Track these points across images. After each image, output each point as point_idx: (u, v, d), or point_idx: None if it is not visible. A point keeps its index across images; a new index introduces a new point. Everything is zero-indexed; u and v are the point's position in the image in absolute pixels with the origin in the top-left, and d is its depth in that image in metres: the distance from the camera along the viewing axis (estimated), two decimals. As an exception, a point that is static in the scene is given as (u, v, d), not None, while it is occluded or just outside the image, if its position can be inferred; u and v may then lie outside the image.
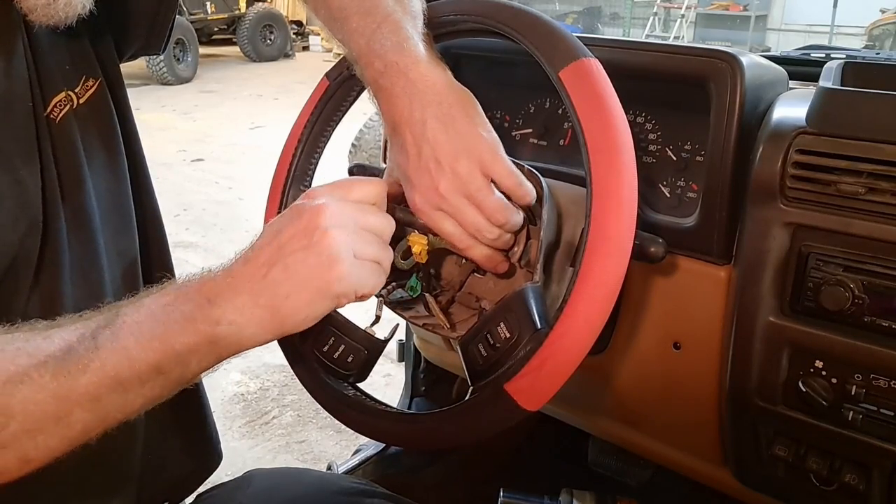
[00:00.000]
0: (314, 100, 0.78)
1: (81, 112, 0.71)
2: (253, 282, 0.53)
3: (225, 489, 0.88)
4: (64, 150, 0.68)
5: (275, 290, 0.53)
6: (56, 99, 0.68)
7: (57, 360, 0.50)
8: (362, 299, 0.58)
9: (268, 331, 0.54)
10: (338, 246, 0.54)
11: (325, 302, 0.55)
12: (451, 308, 0.76)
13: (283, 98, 7.47)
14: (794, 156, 0.68)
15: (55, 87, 0.68)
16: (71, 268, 0.69)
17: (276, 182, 0.79)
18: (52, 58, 0.68)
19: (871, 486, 0.70)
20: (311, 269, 0.53)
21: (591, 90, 0.59)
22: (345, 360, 0.71)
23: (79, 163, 0.70)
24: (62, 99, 0.68)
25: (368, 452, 1.38)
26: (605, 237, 0.56)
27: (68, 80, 0.70)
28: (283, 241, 0.54)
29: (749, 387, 0.73)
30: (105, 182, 0.74)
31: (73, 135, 0.69)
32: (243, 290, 0.53)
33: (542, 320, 0.59)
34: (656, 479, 1.27)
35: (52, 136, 0.67)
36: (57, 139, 0.68)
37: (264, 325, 0.53)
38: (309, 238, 0.54)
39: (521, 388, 0.57)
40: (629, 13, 10.50)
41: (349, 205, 0.57)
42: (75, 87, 0.70)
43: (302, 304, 0.53)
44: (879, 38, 6.61)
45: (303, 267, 0.53)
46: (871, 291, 0.66)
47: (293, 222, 0.55)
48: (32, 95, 0.65)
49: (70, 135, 0.69)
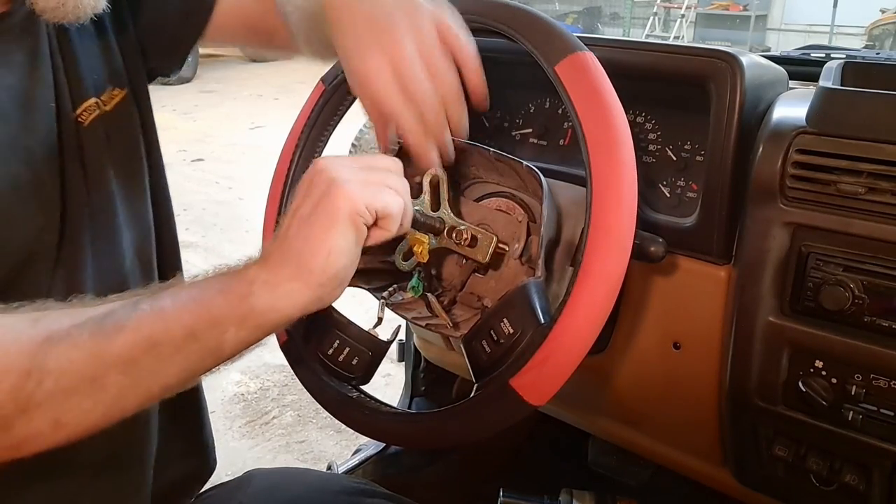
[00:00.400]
0: (310, 104, 0.79)
1: (108, 118, 0.72)
2: (281, 248, 0.54)
3: (225, 489, 0.88)
4: (90, 152, 0.70)
5: (298, 245, 0.53)
6: (86, 104, 0.69)
7: (96, 321, 0.51)
8: (385, 223, 0.56)
9: (302, 290, 0.53)
10: (338, 175, 0.54)
11: (340, 229, 0.53)
12: (453, 308, 0.76)
13: (283, 98, 7.47)
14: (794, 156, 0.68)
15: (85, 92, 0.70)
16: (92, 265, 0.70)
17: (275, 186, 0.79)
18: (84, 64, 0.70)
19: (871, 486, 0.70)
20: (318, 210, 0.53)
21: (587, 83, 0.59)
22: (349, 362, 0.72)
23: (103, 165, 0.71)
24: (91, 105, 0.70)
25: (368, 452, 1.38)
26: (606, 231, 0.56)
27: (97, 87, 0.71)
28: (296, 205, 0.55)
29: (749, 387, 0.73)
30: (126, 187, 0.75)
31: (100, 139, 0.71)
32: (273, 256, 0.54)
33: (546, 315, 0.59)
34: (656, 479, 1.27)
35: (80, 138, 0.69)
36: (84, 141, 0.69)
37: (297, 283, 0.53)
38: (315, 189, 0.54)
39: (526, 383, 0.57)
40: (629, 13, 10.49)
41: (356, 160, 0.58)
42: (102, 94, 0.72)
43: (321, 246, 0.53)
44: (879, 38, 6.61)
45: (312, 213, 0.53)
46: (871, 291, 0.66)
47: (301, 187, 0.56)
48: (59, 97, 0.67)
49: (97, 138, 0.70)
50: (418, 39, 0.63)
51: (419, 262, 0.74)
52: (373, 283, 0.80)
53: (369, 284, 0.80)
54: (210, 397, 0.88)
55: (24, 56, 0.65)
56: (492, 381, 0.60)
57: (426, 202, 0.74)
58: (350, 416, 0.69)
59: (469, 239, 0.71)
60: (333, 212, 0.53)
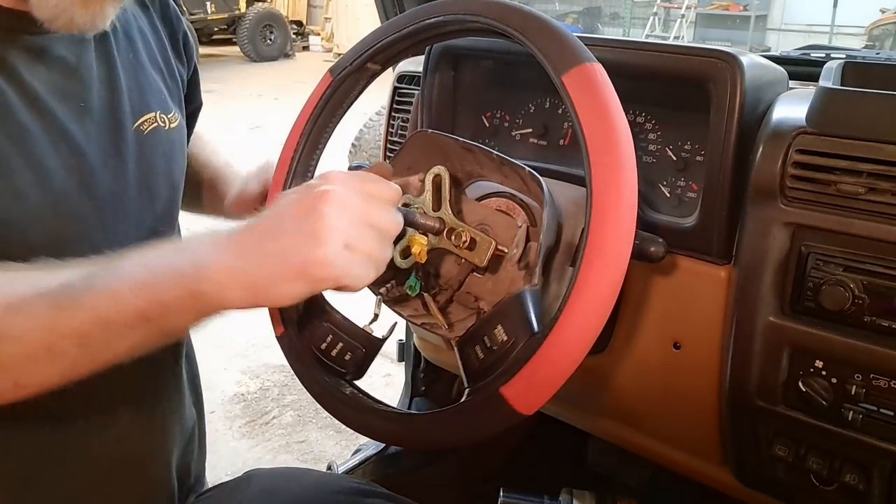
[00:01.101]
0: (317, 95, 0.78)
1: (167, 136, 0.82)
2: (245, 248, 0.55)
3: (225, 489, 0.88)
4: (142, 158, 0.78)
5: (261, 260, 0.54)
6: (147, 116, 0.79)
7: (54, 293, 0.54)
8: (345, 290, 0.57)
9: (247, 298, 0.54)
10: (328, 231, 0.54)
11: (302, 283, 0.54)
12: (450, 307, 0.76)
13: (284, 98, 7.47)
14: (794, 156, 0.68)
15: (148, 106, 0.80)
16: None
17: (278, 177, 0.79)
18: (150, 84, 0.81)
19: (871, 486, 0.70)
20: (297, 248, 0.54)
21: (593, 97, 0.59)
22: (342, 357, 0.72)
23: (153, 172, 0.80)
24: (151, 118, 0.80)
25: (368, 452, 1.38)
26: (601, 252, 0.56)
27: (163, 105, 0.82)
28: (283, 216, 0.56)
29: (749, 387, 0.73)
30: (159, 197, 0.82)
31: (154, 149, 0.80)
32: (234, 254, 0.55)
33: (540, 324, 0.59)
34: (656, 479, 1.27)
35: (139, 145, 0.77)
36: (142, 148, 0.78)
37: (245, 292, 0.54)
38: (305, 219, 0.55)
39: (516, 392, 0.57)
40: (629, 13, 10.49)
41: (358, 195, 0.57)
42: (168, 113, 0.82)
43: (280, 280, 0.54)
44: (879, 38, 6.61)
45: (291, 245, 0.54)
46: (871, 291, 0.66)
47: (297, 201, 0.56)
48: (120, 106, 0.76)
49: (151, 148, 0.79)
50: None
51: (417, 262, 0.74)
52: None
53: (367, 281, 0.79)
54: (210, 397, 0.88)
55: (100, 66, 0.75)
56: (482, 388, 0.60)
57: (427, 201, 0.74)
58: (340, 411, 0.69)
59: (468, 241, 0.71)
60: (303, 269, 0.54)
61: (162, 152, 0.81)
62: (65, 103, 0.70)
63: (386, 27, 0.75)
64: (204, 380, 1.02)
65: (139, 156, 0.78)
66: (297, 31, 11.52)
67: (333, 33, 10.68)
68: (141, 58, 0.81)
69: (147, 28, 0.84)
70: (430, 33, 0.73)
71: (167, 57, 0.86)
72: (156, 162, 0.80)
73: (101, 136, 0.74)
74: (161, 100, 0.82)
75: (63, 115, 0.70)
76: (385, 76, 0.87)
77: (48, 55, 0.70)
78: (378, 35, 0.75)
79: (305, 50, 11.56)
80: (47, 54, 0.70)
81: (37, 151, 0.67)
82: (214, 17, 9.93)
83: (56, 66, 0.70)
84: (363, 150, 3.92)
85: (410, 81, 1.09)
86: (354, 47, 0.77)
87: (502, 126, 1.00)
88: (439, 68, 0.98)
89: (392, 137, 1.13)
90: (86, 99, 0.73)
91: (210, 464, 1.04)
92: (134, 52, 0.80)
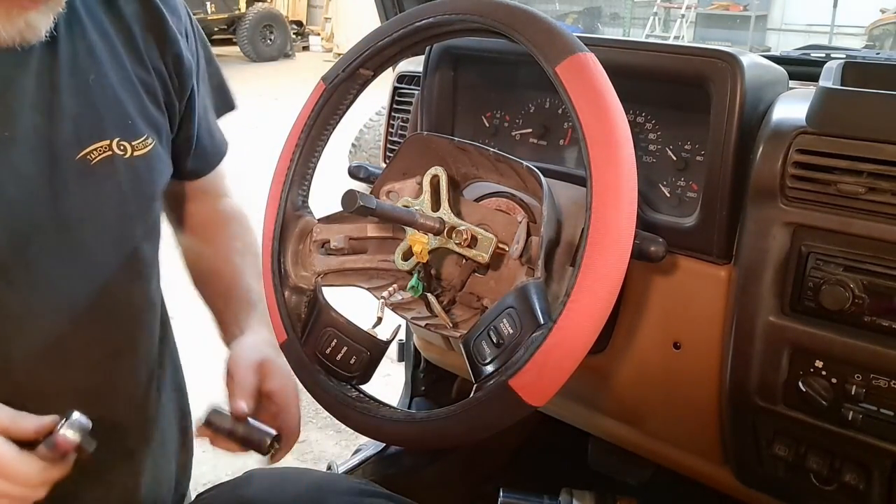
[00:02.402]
0: (311, 104, 0.78)
1: (126, 164, 0.77)
2: None
3: (225, 489, 0.88)
4: (87, 190, 0.74)
5: None
6: (98, 144, 0.74)
7: None
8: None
9: None
10: None
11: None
12: (453, 308, 0.76)
13: (283, 98, 7.47)
14: (795, 156, 0.68)
15: (101, 133, 0.75)
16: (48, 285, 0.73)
17: (275, 185, 0.79)
18: (111, 107, 0.76)
19: (870, 486, 0.70)
20: None
21: (587, 84, 0.59)
22: (347, 361, 0.71)
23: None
24: (102, 146, 0.75)
25: (368, 452, 1.38)
26: (606, 230, 0.56)
27: (125, 131, 0.77)
28: None
29: (749, 386, 0.73)
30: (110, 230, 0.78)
31: (105, 180, 0.75)
32: None
33: (545, 315, 0.59)
34: (656, 479, 1.26)
35: (84, 176, 0.73)
36: (87, 179, 0.74)
37: None
38: None
39: (526, 383, 0.57)
40: (629, 13, 10.49)
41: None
42: (134, 139, 0.77)
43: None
44: (879, 38, 6.62)
45: None
46: (871, 291, 0.66)
47: None
48: (58, 135, 0.71)
49: (100, 179, 0.75)
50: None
51: (419, 262, 0.74)
52: (373, 282, 0.80)
53: (369, 284, 0.80)
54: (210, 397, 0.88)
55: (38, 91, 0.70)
56: (491, 382, 0.60)
57: (426, 202, 0.74)
58: (349, 416, 0.69)
59: (469, 239, 0.71)
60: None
61: (115, 183, 0.76)
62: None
63: (375, 33, 0.76)
64: (204, 380, 1.02)
65: (82, 188, 0.73)
66: (296, 31, 11.52)
67: (333, 33, 10.69)
68: (106, 80, 0.75)
69: (123, 43, 0.78)
70: (420, 36, 0.73)
71: (147, 73, 0.80)
72: (106, 194, 0.75)
73: (28, 167, 0.69)
74: (124, 125, 0.77)
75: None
76: (385, 76, 0.87)
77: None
78: (368, 41, 0.75)
79: (305, 50, 11.56)
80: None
81: None
82: (214, 17, 9.93)
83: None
84: (363, 151, 3.92)
85: (410, 81, 1.09)
86: (346, 54, 0.77)
87: (502, 126, 1.00)
88: (439, 68, 0.98)
89: (392, 137, 1.13)
90: (10, 128, 0.68)
91: (210, 464, 1.04)
92: (97, 74, 0.75)
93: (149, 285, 0.86)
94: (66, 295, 0.74)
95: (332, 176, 1.66)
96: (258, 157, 4.88)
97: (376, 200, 0.68)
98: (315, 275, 0.78)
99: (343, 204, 0.67)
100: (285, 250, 0.77)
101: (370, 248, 0.80)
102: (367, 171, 0.93)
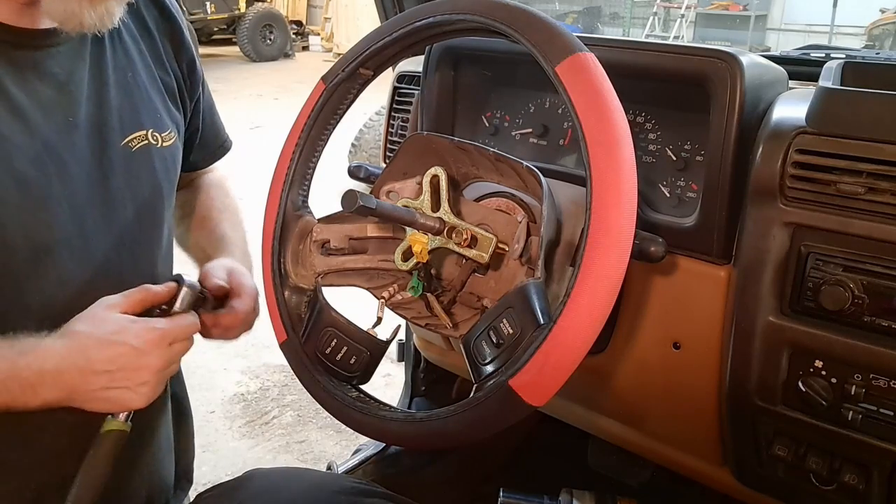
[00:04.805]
0: (310, 103, 0.78)
1: (159, 153, 0.85)
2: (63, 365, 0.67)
3: (225, 489, 0.88)
4: (129, 174, 0.82)
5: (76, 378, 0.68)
6: (137, 133, 0.83)
7: None
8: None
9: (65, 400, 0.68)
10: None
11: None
12: (453, 308, 0.76)
13: (283, 98, 7.46)
14: (794, 155, 0.68)
15: (139, 125, 0.83)
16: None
17: (275, 185, 0.79)
18: (144, 103, 0.84)
19: (870, 486, 0.70)
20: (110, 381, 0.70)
21: (587, 84, 0.59)
22: (347, 361, 0.72)
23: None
24: (141, 135, 0.83)
25: (368, 452, 1.38)
26: (606, 229, 0.56)
27: (157, 123, 0.85)
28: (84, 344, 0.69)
29: (749, 387, 0.73)
30: (146, 210, 0.86)
31: (142, 166, 0.83)
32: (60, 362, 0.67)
33: (545, 315, 0.59)
34: (656, 479, 1.27)
35: (127, 160, 0.81)
36: (129, 164, 0.81)
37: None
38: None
39: (526, 383, 0.57)
40: (629, 13, 10.48)
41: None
42: (163, 131, 0.86)
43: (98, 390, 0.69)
44: (879, 38, 6.62)
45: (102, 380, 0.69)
46: (871, 291, 0.66)
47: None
48: (108, 123, 0.79)
49: (139, 164, 0.83)
50: None
51: (419, 262, 0.74)
52: (373, 282, 0.80)
53: (369, 284, 0.80)
54: (210, 397, 0.89)
55: (92, 83, 0.78)
56: (491, 382, 0.60)
57: (426, 202, 0.74)
58: (349, 416, 0.69)
59: (469, 239, 0.71)
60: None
61: (151, 168, 0.84)
62: (51, 117, 0.74)
63: (375, 33, 0.76)
64: (204, 380, 1.02)
65: (126, 171, 0.81)
66: (296, 31, 11.51)
67: (333, 33, 10.67)
68: (139, 78, 0.84)
69: (148, 47, 0.87)
70: (420, 36, 0.73)
71: (166, 74, 0.89)
72: (143, 178, 0.84)
73: (85, 150, 0.77)
74: (155, 118, 0.85)
75: (48, 128, 0.73)
76: (385, 76, 0.87)
77: (40, 70, 0.73)
78: (368, 41, 0.76)
79: (305, 50, 11.55)
80: (39, 70, 0.73)
81: (17, 160, 0.70)
82: (214, 17, 9.93)
83: (47, 82, 0.74)
84: (363, 151, 3.92)
85: (410, 81, 1.09)
86: (346, 54, 0.78)
87: (502, 126, 1.00)
88: (439, 68, 0.98)
89: (392, 137, 1.13)
90: (74, 114, 0.76)
91: (210, 464, 1.04)
92: (133, 73, 0.83)
93: (170, 263, 0.95)
94: (114, 266, 0.81)
95: (332, 176, 1.66)
96: (258, 157, 4.89)
97: (376, 200, 0.68)
98: (315, 275, 0.78)
99: (343, 204, 0.67)
100: (285, 250, 0.78)
101: (370, 248, 0.80)
102: (367, 171, 0.93)
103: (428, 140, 0.78)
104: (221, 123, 1.06)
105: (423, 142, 0.78)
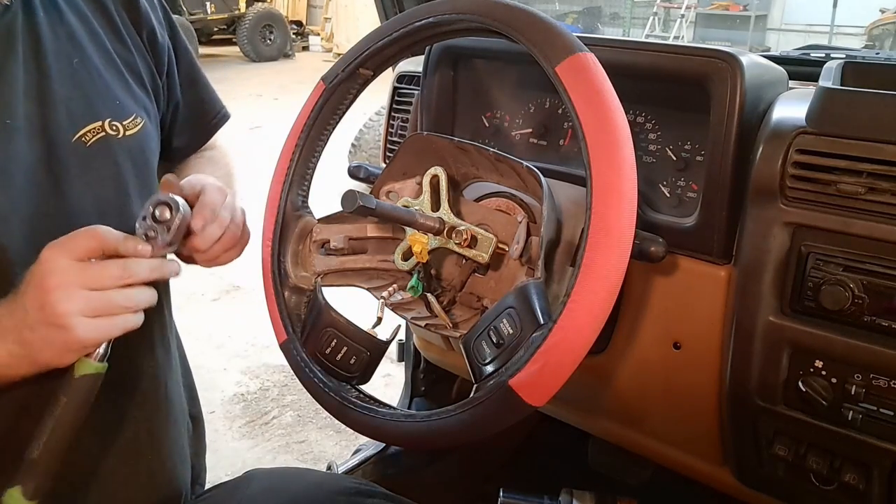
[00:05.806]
0: (310, 104, 0.78)
1: (121, 144, 0.78)
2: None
3: (225, 489, 0.88)
4: (87, 172, 0.75)
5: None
6: (90, 126, 0.75)
7: None
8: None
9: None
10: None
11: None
12: (453, 308, 0.76)
13: (283, 98, 7.47)
14: (794, 156, 0.68)
15: (94, 115, 0.75)
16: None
17: (275, 186, 0.79)
18: (98, 90, 0.76)
19: (870, 486, 0.70)
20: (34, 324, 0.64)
21: (587, 84, 0.59)
22: (347, 361, 0.71)
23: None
24: (96, 127, 0.75)
25: (368, 452, 1.38)
26: (607, 230, 0.56)
27: (116, 111, 0.78)
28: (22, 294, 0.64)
29: (749, 386, 0.73)
30: (112, 207, 0.78)
31: (103, 160, 0.76)
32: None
33: (545, 315, 0.59)
34: (656, 479, 1.27)
35: (82, 157, 0.74)
36: (86, 160, 0.74)
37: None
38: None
39: (526, 383, 0.57)
40: (629, 13, 10.48)
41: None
42: (124, 119, 0.78)
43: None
44: (879, 38, 6.62)
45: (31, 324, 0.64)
46: (871, 291, 0.66)
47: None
48: (53, 120, 0.72)
49: (98, 160, 0.76)
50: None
51: (419, 262, 0.74)
52: (373, 282, 0.80)
53: (369, 284, 0.80)
54: (210, 397, 0.89)
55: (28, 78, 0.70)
56: (491, 382, 0.60)
57: (426, 202, 0.74)
58: (349, 416, 0.69)
59: (469, 239, 0.71)
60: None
61: (113, 163, 0.77)
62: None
63: (375, 33, 0.76)
64: (204, 380, 1.02)
65: (82, 171, 0.74)
66: (296, 31, 11.52)
67: (333, 33, 10.68)
68: (90, 63, 0.76)
69: (102, 24, 0.79)
70: (420, 36, 0.73)
71: (126, 51, 0.81)
72: (105, 175, 0.76)
73: (29, 155, 0.70)
74: (113, 106, 0.77)
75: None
76: (385, 76, 0.87)
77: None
78: (368, 41, 0.76)
79: (305, 50, 11.55)
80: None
81: None
82: (214, 17, 9.94)
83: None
84: (363, 151, 3.92)
85: (410, 81, 1.09)
86: (346, 54, 0.78)
87: (502, 126, 1.00)
88: (439, 68, 0.98)
89: (392, 137, 1.13)
90: (10, 115, 0.69)
91: (210, 464, 1.04)
92: (81, 58, 0.75)
93: None
94: None
95: (332, 176, 1.66)
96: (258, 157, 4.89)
97: (376, 200, 0.68)
98: (315, 275, 0.78)
99: (343, 204, 0.67)
100: (285, 250, 0.78)
101: (370, 248, 0.80)
102: (367, 171, 0.93)
103: (428, 140, 0.78)
104: (212, 95, 0.98)
105: (423, 142, 0.78)
